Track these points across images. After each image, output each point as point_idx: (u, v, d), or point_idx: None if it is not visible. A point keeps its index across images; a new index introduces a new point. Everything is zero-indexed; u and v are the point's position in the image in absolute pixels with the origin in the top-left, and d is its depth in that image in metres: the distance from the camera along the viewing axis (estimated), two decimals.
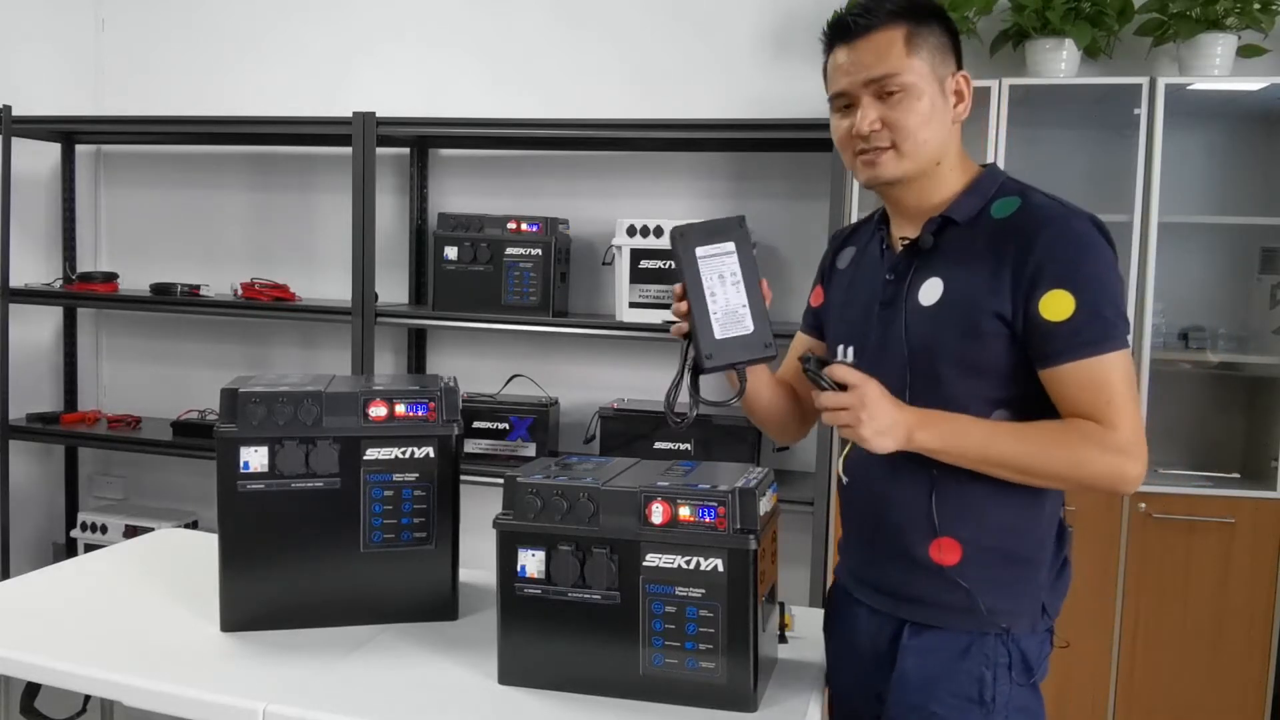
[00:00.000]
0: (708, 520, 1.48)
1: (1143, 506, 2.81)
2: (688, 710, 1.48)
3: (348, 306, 3.37)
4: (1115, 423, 1.37)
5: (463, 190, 3.67)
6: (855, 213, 2.86)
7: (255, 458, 1.73)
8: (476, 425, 3.32)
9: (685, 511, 1.48)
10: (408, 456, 1.77)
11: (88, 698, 1.94)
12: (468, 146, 3.62)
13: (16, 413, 3.73)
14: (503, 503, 1.56)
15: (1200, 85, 2.80)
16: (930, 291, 1.47)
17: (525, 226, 3.28)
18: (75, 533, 3.81)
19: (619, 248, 3.19)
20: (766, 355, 1.43)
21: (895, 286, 1.51)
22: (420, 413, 1.78)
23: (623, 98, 3.45)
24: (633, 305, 3.20)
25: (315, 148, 3.76)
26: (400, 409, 1.77)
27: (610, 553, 1.50)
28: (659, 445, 3.15)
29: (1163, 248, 2.79)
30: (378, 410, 1.76)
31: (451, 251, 3.31)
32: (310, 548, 1.75)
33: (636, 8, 3.45)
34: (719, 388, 1.52)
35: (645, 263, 3.17)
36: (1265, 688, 2.81)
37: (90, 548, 3.60)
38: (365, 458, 1.76)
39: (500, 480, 1.60)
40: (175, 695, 1.52)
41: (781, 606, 1.70)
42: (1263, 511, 2.79)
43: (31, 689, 1.83)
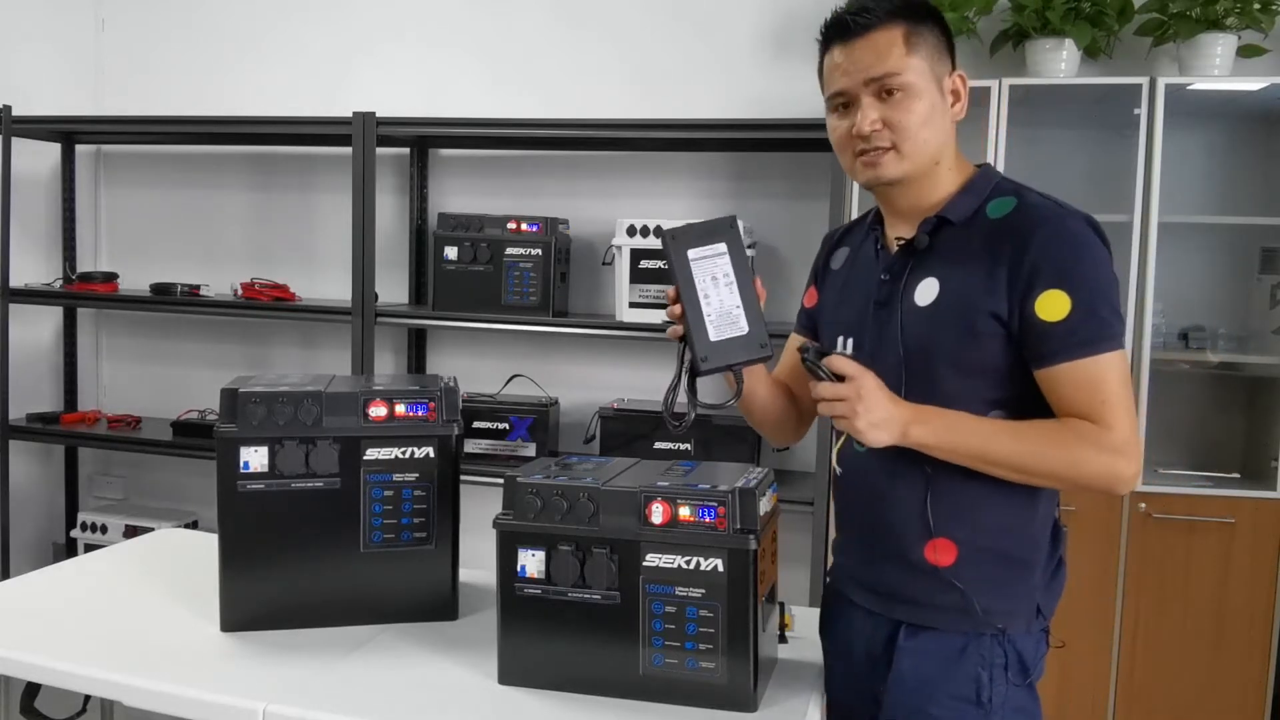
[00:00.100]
0: (708, 520, 1.48)
1: (1143, 506, 2.81)
2: (688, 710, 1.48)
3: (348, 306, 3.37)
4: (1111, 423, 1.37)
5: (463, 190, 3.67)
6: (855, 213, 2.86)
7: (255, 458, 1.73)
8: (476, 425, 3.32)
9: (685, 511, 1.48)
10: (408, 456, 1.77)
11: (88, 698, 1.94)
12: (468, 146, 3.62)
13: (16, 413, 3.73)
14: (503, 503, 1.56)
15: (1200, 85, 2.80)
16: (926, 292, 1.46)
17: (525, 226, 3.28)
18: (75, 533, 3.81)
19: (619, 248, 3.19)
20: (762, 355, 1.43)
21: (890, 287, 1.51)
22: (420, 413, 1.78)
23: (623, 98, 3.45)
24: (633, 305, 3.19)
25: (315, 148, 3.76)
26: (400, 409, 1.77)
27: (610, 553, 1.50)
28: (659, 445, 3.15)
29: (1163, 248, 2.79)
30: (378, 410, 1.76)
31: (451, 251, 3.31)
32: (310, 548, 1.75)
33: (636, 8, 3.45)
34: (717, 389, 1.52)
35: (645, 263, 3.17)
36: (1265, 688, 2.81)
37: (90, 548, 3.60)
38: (365, 458, 1.76)
39: (500, 480, 1.60)
40: (175, 695, 1.52)
41: (781, 606, 1.70)
42: (1263, 511, 2.79)
43: (31, 689, 1.83)
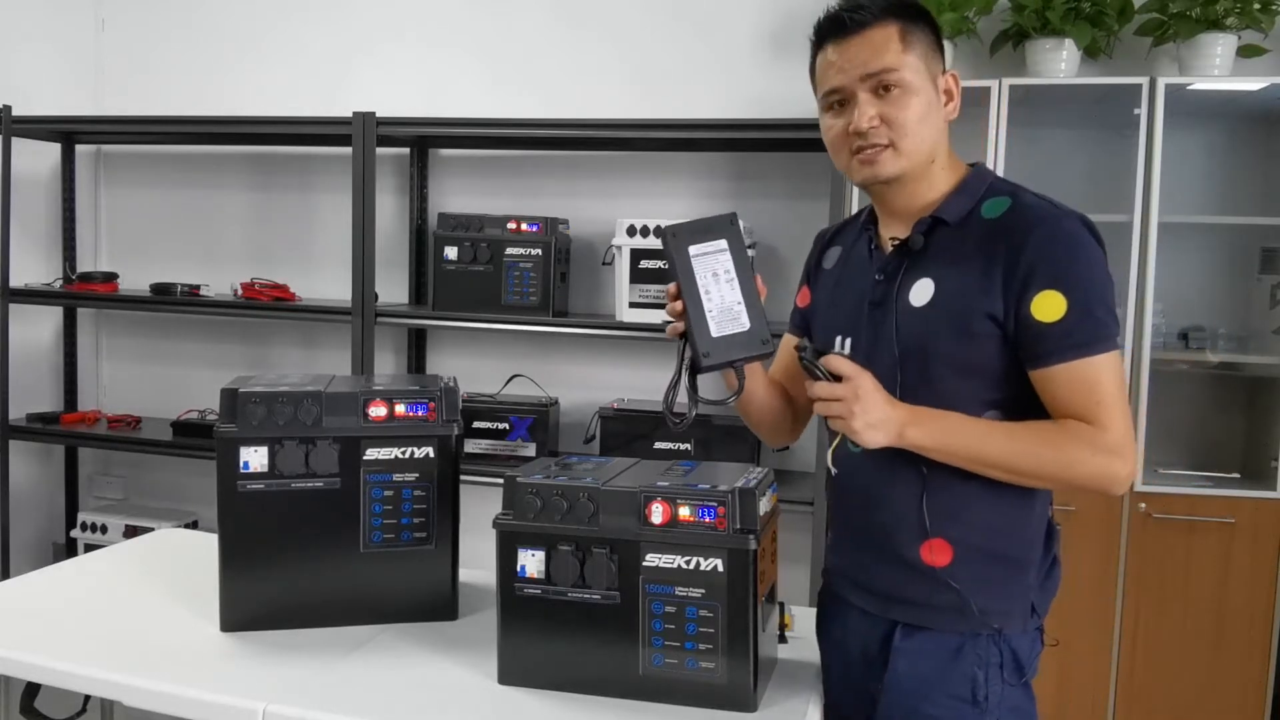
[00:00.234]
0: (707, 520, 1.47)
1: (1143, 506, 2.81)
2: (687, 710, 1.48)
3: (348, 306, 3.37)
4: (1106, 424, 1.37)
5: (463, 190, 3.67)
6: (855, 212, 2.85)
7: (255, 458, 1.73)
8: (476, 425, 3.32)
9: (685, 511, 1.48)
10: (408, 456, 1.77)
11: (88, 698, 1.94)
12: (468, 146, 3.62)
13: (16, 413, 3.73)
14: (503, 503, 1.56)
15: (1200, 85, 2.80)
16: (921, 292, 1.46)
17: (525, 226, 3.28)
18: (75, 533, 3.81)
19: (619, 248, 3.19)
20: (765, 352, 1.43)
21: (885, 287, 1.50)
22: (420, 413, 1.77)
23: (623, 98, 3.45)
24: (633, 305, 3.19)
25: (315, 148, 3.76)
26: (400, 409, 1.77)
27: (610, 553, 1.50)
28: (659, 445, 3.15)
29: (1163, 248, 2.79)
30: (378, 410, 1.76)
31: (451, 251, 3.31)
32: (310, 548, 1.75)
33: (636, 8, 3.45)
34: (717, 387, 1.52)
35: (645, 263, 3.16)
36: (1265, 688, 2.81)
37: (90, 548, 3.60)
38: (365, 458, 1.76)
39: (500, 480, 1.59)
40: (175, 695, 1.52)
41: (781, 606, 1.70)
42: (1263, 511, 2.79)
43: (31, 689, 1.83)
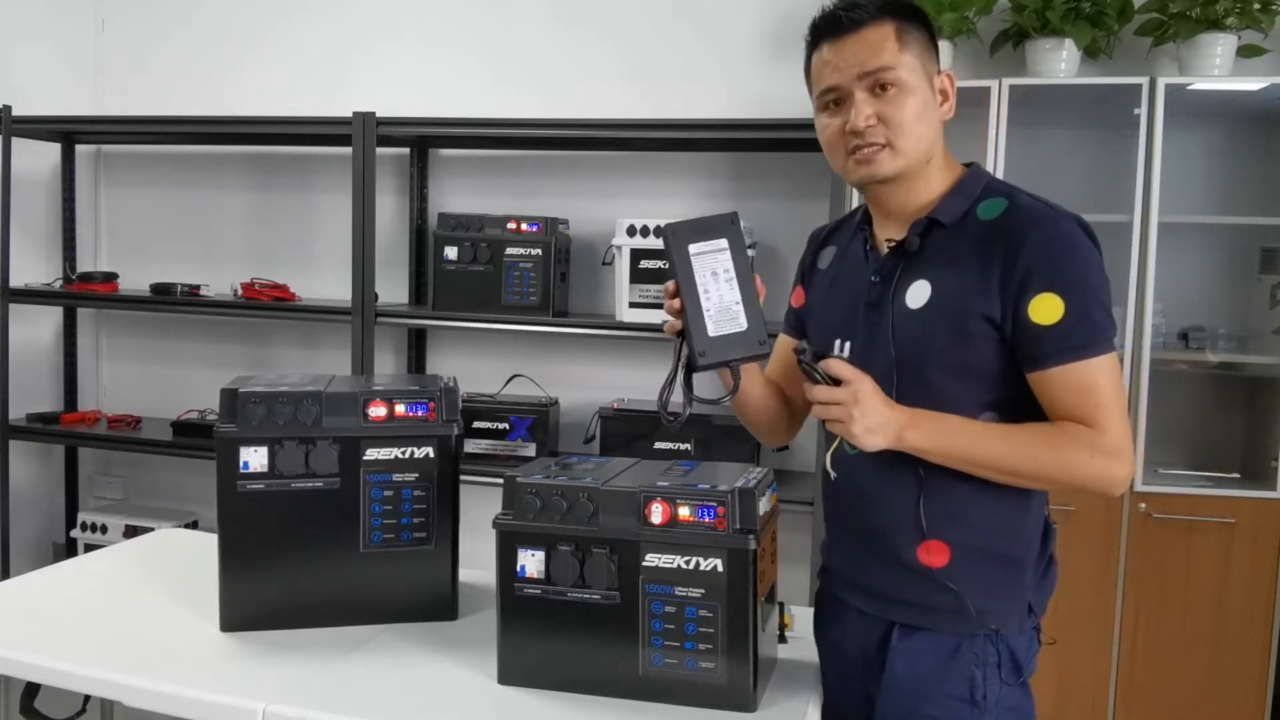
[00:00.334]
0: (707, 520, 1.47)
1: (1143, 506, 2.81)
2: (687, 710, 1.48)
3: (348, 306, 3.37)
4: (1104, 426, 1.37)
5: (463, 190, 3.67)
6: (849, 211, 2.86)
7: (255, 458, 1.72)
8: (476, 425, 3.32)
9: (685, 511, 1.48)
10: (407, 456, 1.77)
11: (88, 698, 1.94)
12: (468, 146, 3.62)
13: (16, 413, 3.72)
14: (502, 503, 1.56)
15: (1200, 85, 2.80)
16: (917, 294, 1.46)
17: (525, 226, 3.28)
18: (75, 533, 3.81)
19: (619, 248, 3.19)
20: (761, 352, 1.42)
21: (881, 289, 1.50)
22: (420, 413, 1.77)
23: (623, 98, 3.45)
24: (633, 305, 3.19)
25: (315, 148, 3.76)
26: (400, 409, 1.77)
27: (610, 553, 1.50)
28: (659, 445, 3.15)
29: (1163, 248, 2.79)
30: (377, 410, 1.76)
31: (451, 251, 3.31)
32: (310, 548, 1.75)
33: (636, 8, 3.45)
34: (713, 386, 1.51)
35: (645, 263, 3.16)
36: (1265, 688, 2.81)
37: (90, 548, 3.60)
38: (365, 458, 1.76)
39: (500, 480, 1.59)
40: (175, 695, 1.52)
41: (781, 606, 1.70)
42: (1263, 511, 2.79)
43: (31, 689, 1.83)
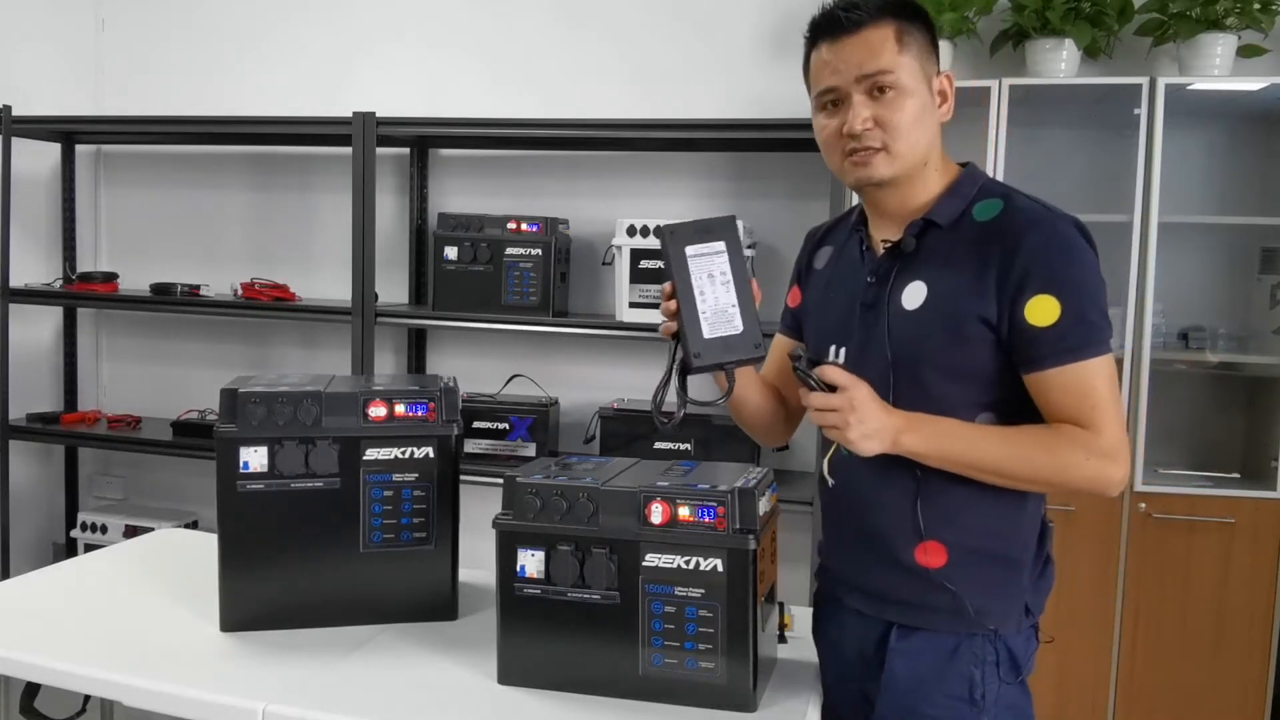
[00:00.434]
0: (707, 520, 1.47)
1: (1143, 506, 2.81)
2: (687, 710, 1.48)
3: (348, 306, 3.37)
4: (1100, 427, 1.37)
5: (463, 190, 3.67)
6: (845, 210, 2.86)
7: (255, 458, 1.72)
8: (476, 425, 3.32)
9: (685, 511, 1.48)
10: (407, 456, 1.77)
11: (88, 698, 1.94)
12: (468, 146, 3.62)
13: (16, 413, 3.73)
14: (502, 503, 1.56)
15: (1200, 85, 2.80)
16: (913, 295, 1.46)
17: (525, 226, 3.28)
18: (75, 533, 3.81)
19: (619, 248, 3.19)
20: (756, 356, 1.42)
21: (877, 290, 1.50)
22: (420, 413, 1.77)
23: (623, 98, 3.45)
24: (633, 305, 3.19)
25: (315, 148, 3.76)
26: (400, 409, 1.77)
27: (610, 553, 1.50)
28: (659, 445, 3.15)
29: (1163, 248, 2.79)
30: (377, 410, 1.76)
31: (451, 251, 3.31)
32: (310, 548, 1.75)
33: (636, 8, 3.45)
34: (708, 388, 1.51)
35: (645, 263, 3.16)
36: (1265, 688, 2.81)
37: (90, 548, 3.60)
38: (365, 458, 1.76)
39: (500, 480, 1.59)
40: (175, 695, 1.51)
41: (781, 606, 1.70)
42: (1263, 511, 2.79)
43: (31, 689, 1.83)
